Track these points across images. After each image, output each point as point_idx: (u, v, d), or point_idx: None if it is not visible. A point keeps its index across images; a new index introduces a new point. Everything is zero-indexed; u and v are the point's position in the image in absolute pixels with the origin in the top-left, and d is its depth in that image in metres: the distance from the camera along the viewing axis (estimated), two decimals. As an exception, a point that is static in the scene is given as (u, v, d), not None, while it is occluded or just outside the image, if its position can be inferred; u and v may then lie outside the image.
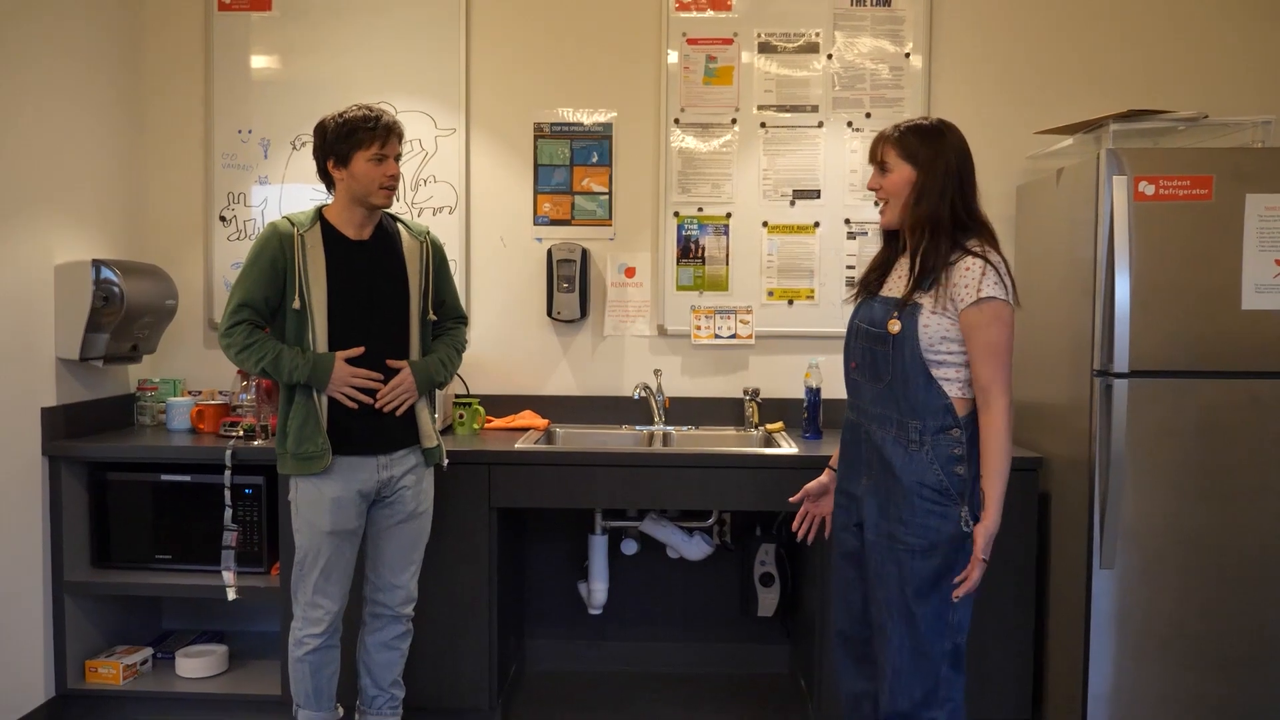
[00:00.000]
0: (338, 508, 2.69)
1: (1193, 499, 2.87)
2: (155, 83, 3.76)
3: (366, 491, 2.72)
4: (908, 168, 2.31)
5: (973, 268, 2.23)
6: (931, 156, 2.29)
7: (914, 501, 2.28)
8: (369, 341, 2.68)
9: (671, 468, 3.12)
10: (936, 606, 2.28)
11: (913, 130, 2.34)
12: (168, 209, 3.79)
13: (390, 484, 2.76)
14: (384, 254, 2.74)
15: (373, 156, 2.64)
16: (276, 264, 2.64)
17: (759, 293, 3.71)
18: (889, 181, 2.35)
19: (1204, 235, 2.83)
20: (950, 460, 2.27)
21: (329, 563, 2.72)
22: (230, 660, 3.45)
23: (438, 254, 2.86)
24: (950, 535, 2.26)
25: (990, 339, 2.22)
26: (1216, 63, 3.61)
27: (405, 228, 2.82)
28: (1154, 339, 2.84)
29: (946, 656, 2.31)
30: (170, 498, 3.29)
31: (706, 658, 3.78)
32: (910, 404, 2.29)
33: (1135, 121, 3.00)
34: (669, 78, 3.69)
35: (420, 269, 2.78)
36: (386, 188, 2.67)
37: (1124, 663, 2.90)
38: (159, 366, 3.77)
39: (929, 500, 2.27)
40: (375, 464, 2.72)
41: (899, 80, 3.66)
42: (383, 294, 2.72)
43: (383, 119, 2.66)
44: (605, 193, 3.73)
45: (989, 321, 2.22)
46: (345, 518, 2.70)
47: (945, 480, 2.27)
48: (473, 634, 3.16)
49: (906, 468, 2.29)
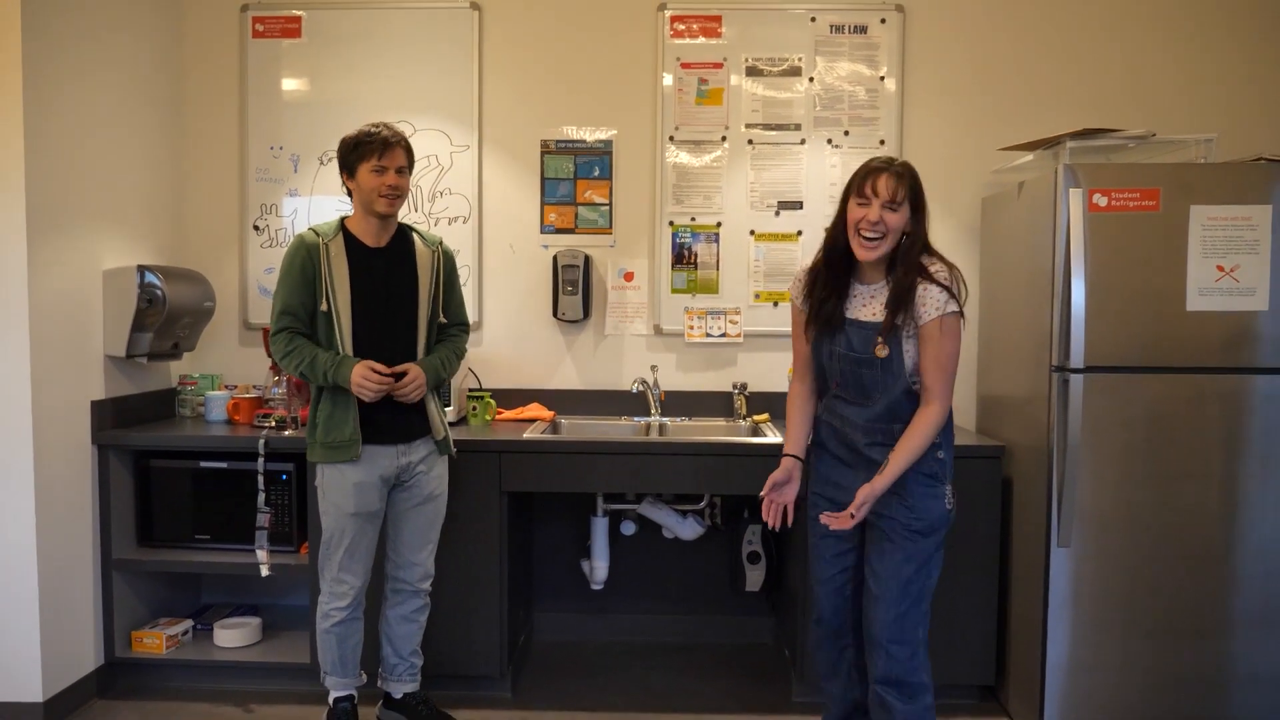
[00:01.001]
0: (361, 491, 2.69)
1: (1141, 483, 2.87)
2: (195, 104, 3.77)
3: (387, 476, 2.73)
4: (907, 207, 2.29)
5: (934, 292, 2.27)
6: (921, 198, 2.31)
7: (913, 488, 2.34)
8: (385, 339, 2.70)
9: (667, 455, 3.13)
10: (924, 580, 2.36)
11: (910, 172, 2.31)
12: (206, 219, 3.79)
13: (408, 470, 2.76)
14: (399, 260, 2.75)
15: (373, 168, 2.65)
16: (306, 271, 2.66)
17: (747, 295, 3.72)
18: (894, 219, 2.28)
19: (1152, 243, 2.83)
20: (933, 447, 2.34)
21: (353, 542, 2.72)
22: (263, 631, 3.46)
23: (448, 263, 2.86)
24: (940, 514, 2.35)
25: (946, 349, 2.28)
26: (1164, 86, 3.61)
27: (420, 237, 2.82)
28: (1107, 337, 2.85)
29: (924, 619, 2.38)
30: (208, 482, 3.29)
31: (698, 629, 3.79)
32: (898, 415, 2.35)
33: (1090, 139, 3.01)
34: (664, 99, 3.69)
35: (431, 276, 2.79)
36: (385, 196, 2.66)
37: (1079, 633, 2.91)
38: (198, 363, 3.77)
39: (923, 485, 2.34)
40: (395, 451, 2.73)
41: (875, 101, 3.66)
42: (397, 297, 2.73)
43: (381, 133, 2.67)
44: (606, 204, 3.73)
45: (948, 333, 2.28)
46: (368, 500, 2.71)
47: (934, 465, 2.35)
48: (485, 607, 3.17)
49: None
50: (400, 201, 2.71)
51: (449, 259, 2.88)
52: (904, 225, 2.29)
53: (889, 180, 2.27)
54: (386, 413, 2.71)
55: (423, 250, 2.80)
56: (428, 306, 2.78)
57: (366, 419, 2.69)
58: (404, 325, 2.74)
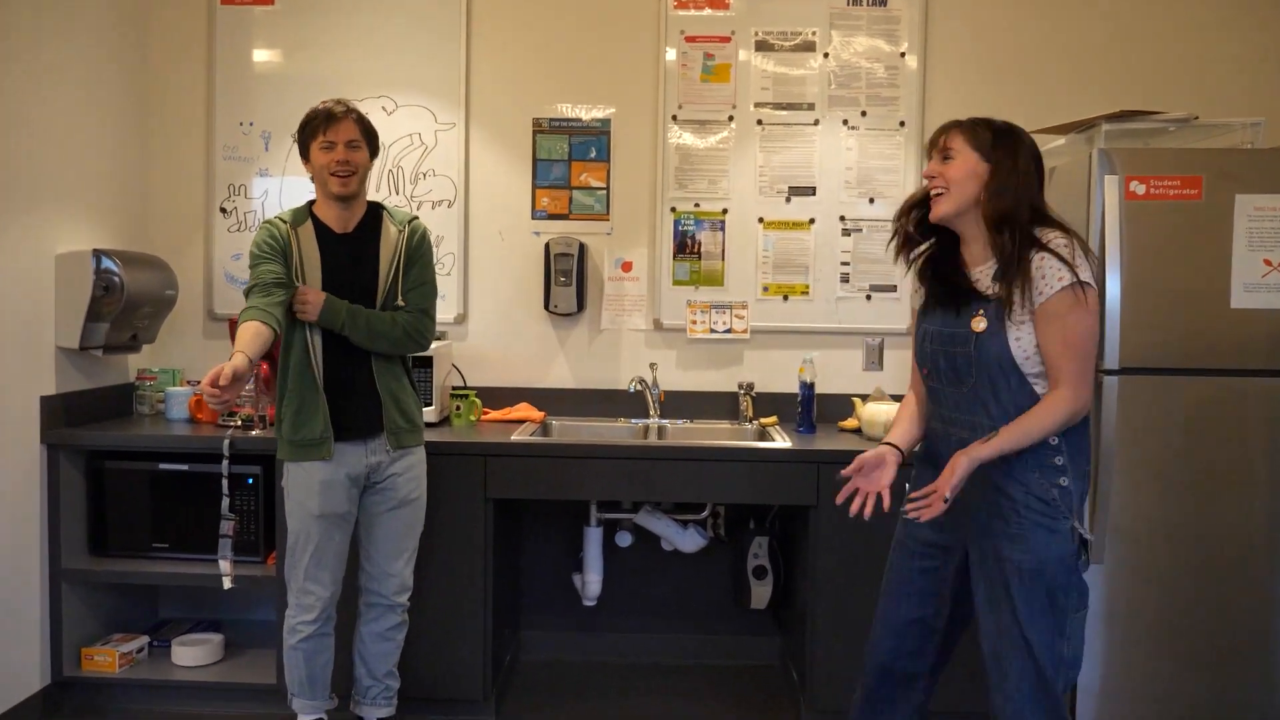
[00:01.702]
0: (327, 491, 2.69)
1: (1180, 495, 2.87)
2: (158, 74, 3.75)
3: (356, 475, 2.73)
4: (975, 158, 2.16)
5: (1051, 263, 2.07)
6: (1006, 153, 2.14)
7: (1022, 514, 2.12)
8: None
9: (666, 460, 3.11)
10: (1049, 635, 2.10)
11: (985, 123, 2.19)
12: (169, 200, 3.78)
13: (380, 469, 2.76)
14: (364, 246, 2.74)
15: (321, 144, 2.65)
16: (278, 252, 2.66)
17: (754, 288, 3.71)
18: (952, 169, 2.18)
19: (1193, 235, 2.83)
20: (1051, 471, 2.11)
21: (319, 547, 2.72)
22: (226, 649, 3.45)
23: (415, 241, 2.78)
24: (1059, 555, 2.10)
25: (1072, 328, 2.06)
26: (1208, 65, 3.61)
27: (390, 217, 2.80)
28: (1144, 336, 2.85)
29: (1063, 691, 2.13)
30: (168, 486, 3.28)
31: (699, 649, 3.78)
32: (1002, 406, 2.14)
33: (1127, 122, 3.01)
34: (667, 75, 3.69)
35: (393, 257, 2.75)
36: (337, 174, 2.65)
37: (1112, 656, 2.91)
38: (158, 356, 3.76)
39: (1036, 512, 2.11)
40: (364, 449, 2.72)
41: (894, 79, 3.66)
42: (361, 287, 2.72)
43: (326, 106, 2.66)
44: (603, 188, 3.73)
45: (1074, 309, 2.05)
46: (335, 501, 2.70)
47: (1052, 491, 2.11)
48: (468, 624, 3.16)
49: (1009, 477, 2.14)
50: (355, 179, 2.68)
51: (417, 237, 2.79)
52: (971, 180, 2.16)
53: (941, 131, 2.23)
54: (350, 404, 2.71)
55: (389, 231, 2.78)
56: (384, 290, 2.73)
57: (336, 414, 2.69)
58: None
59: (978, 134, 2.18)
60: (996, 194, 2.14)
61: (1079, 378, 2.07)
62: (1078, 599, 2.12)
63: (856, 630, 3.05)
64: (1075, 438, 2.14)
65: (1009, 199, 2.13)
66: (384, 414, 2.74)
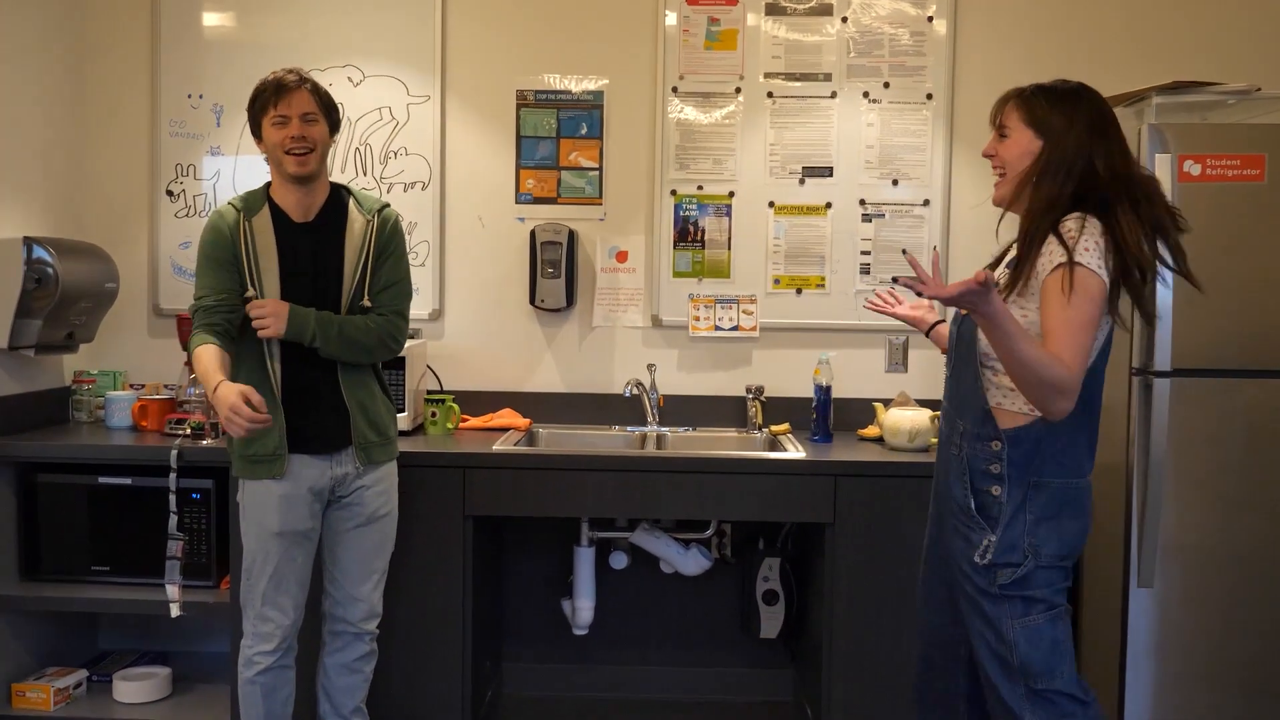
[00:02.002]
0: (286, 505, 2.69)
1: (1240, 510, 2.88)
2: (96, 41, 3.74)
3: (318, 489, 2.73)
4: (1029, 135, 2.19)
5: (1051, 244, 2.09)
6: (1061, 129, 2.15)
7: (946, 519, 2.27)
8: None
9: (666, 473, 3.11)
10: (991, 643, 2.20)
11: (1044, 92, 2.20)
12: (108, 181, 3.77)
13: (346, 482, 2.75)
14: (327, 237, 2.73)
15: (273, 120, 2.64)
16: (226, 250, 2.67)
17: (764, 280, 3.71)
18: (1006, 149, 2.22)
19: (1256, 220, 2.83)
20: (985, 478, 2.18)
21: (279, 568, 2.71)
22: (174, 684, 3.43)
23: (386, 232, 2.78)
24: (970, 562, 2.19)
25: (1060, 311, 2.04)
26: (1271, 31, 3.61)
27: (356, 203, 2.79)
28: (1199, 334, 2.85)
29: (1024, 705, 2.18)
30: (108, 503, 3.27)
31: (703, 683, 3.78)
32: (960, 399, 2.26)
33: (1181, 94, 3.01)
34: (666, 41, 3.68)
35: (360, 251, 2.74)
36: (292, 152, 2.64)
37: (1164, 691, 2.91)
38: (98, 357, 3.75)
39: (956, 519, 2.23)
40: (329, 461, 2.73)
41: (920, 46, 3.66)
42: (323, 283, 2.71)
43: (277, 76, 2.65)
44: (595, 168, 3.73)
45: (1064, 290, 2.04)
46: (296, 517, 2.70)
47: (971, 501, 2.19)
48: (445, 655, 3.15)
49: (944, 480, 2.28)
50: (313, 157, 2.66)
51: (387, 226, 2.79)
52: (1026, 159, 2.18)
53: (996, 103, 2.28)
54: (317, 419, 2.71)
55: (356, 219, 2.76)
56: (351, 288, 2.73)
57: (296, 428, 2.69)
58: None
59: (1033, 105, 2.20)
60: (1040, 178, 2.16)
61: (1073, 358, 2.02)
62: (1022, 605, 2.16)
63: (877, 662, 3.06)
64: (1026, 448, 2.15)
65: (1054, 183, 2.14)
66: (352, 427, 2.74)
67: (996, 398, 2.19)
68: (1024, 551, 2.14)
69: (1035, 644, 2.16)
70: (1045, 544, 2.15)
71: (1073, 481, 2.18)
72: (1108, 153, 2.14)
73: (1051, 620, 2.18)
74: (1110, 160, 2.14)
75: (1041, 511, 2.15)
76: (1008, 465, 2.16)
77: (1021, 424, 2.15)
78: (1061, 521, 2.16)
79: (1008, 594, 2.16)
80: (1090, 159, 2.13)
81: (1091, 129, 2.15)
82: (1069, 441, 2.17)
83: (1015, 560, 2.15)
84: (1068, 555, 2.19)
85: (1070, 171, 2.13)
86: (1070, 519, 2.18)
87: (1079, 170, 2.13)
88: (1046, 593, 2.18)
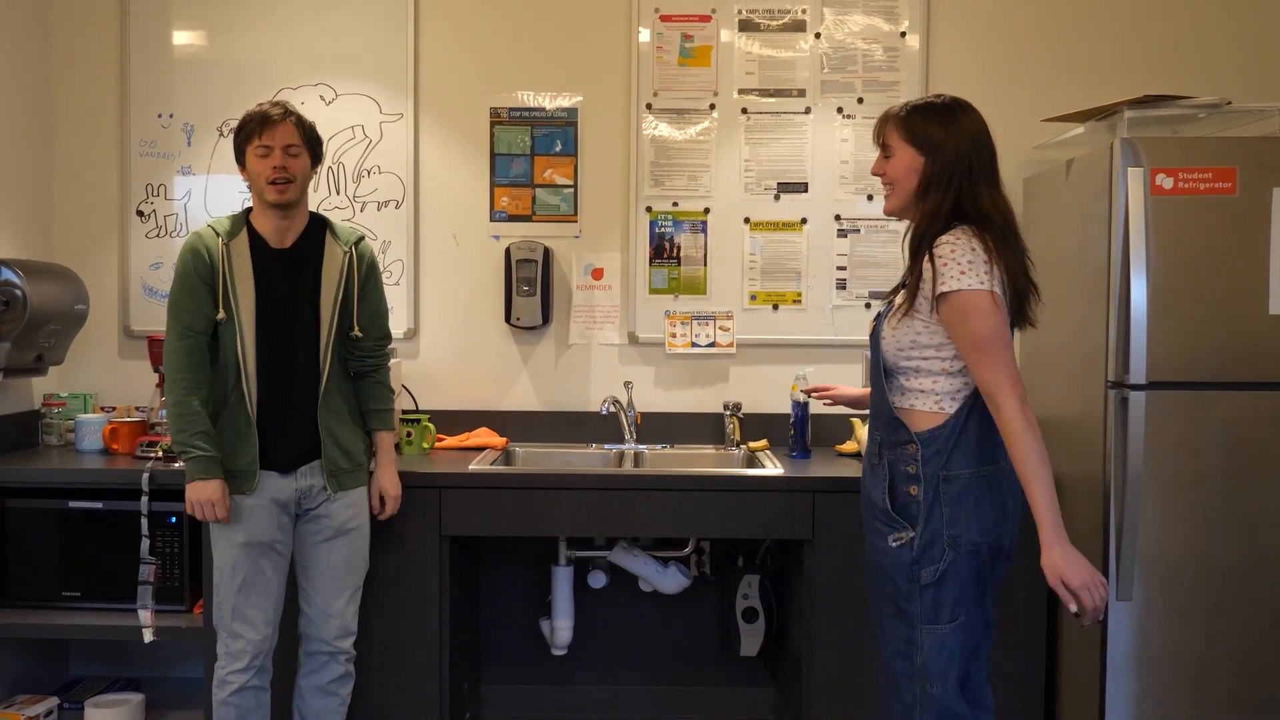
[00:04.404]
0: (249, 516, 2.72)
1: (1219, 524, 2.89)
2: (64, 58, 3.73)
3: (284, 500, 2.76)
4: (911, 152, 2.31)
5: (928, 271, 2.23)
6: (940, 140, 2.27)
7: (868, 521, 2.39)
8: (284, 363, 2.75)
9: (644, 491, 3.12)
10: (898, 643, 2.31)
11: (919, 110, 2.32)
12: (78, 202, 3.75)
13: (311, 494, 2.78)
14: (303, 265, 2.79)
15: (257, 150, 2.70)
16: (203, 275, 2.71)
17: (740, 296, 3.73)
18: (892, 167, 2.35)
19: (1228, 233, 2.86)
20: (903, 478, 2.29)
21: (247, 580, 2.72)
22: (147, 711, 3.41)
23: (364, 265, 2.88)
24: (897, 561, 2.29)
25: (970, 334, 2.19)
26: (1242, 44, 3.66)
27: (333, 235, 2.84)
28: (1174, 347, 2.87)
29: (918, 705, 2.29)
30: (79, 527, 3.25)
31: (682, 703, 3.77)
32: (876, 413, 2.40)
33: (1152, 108, 3.03)
34: (640, 58, 3.70)
35: (337, 284, 2.80)
36: (274, 182, 2.69)
37: (1144, 707, 2.92)
38: (67, 379, 3.73)
39: (878, 520, 2.34)
40: (293, 475, 2.78)
41: (894, 62, 3.69)
42: (296, 312, 2.76)
43: (262, 108, 2.72)
44: (570, 185, 3.74)
45: (961, 317, 2.19)
46: (261, 527, 2.73)
47: (888, 501, 2.30)
48: (421, 678, 3.14)
49: (865, 485, 2.42)
50: (293, 187, 2.72)
51: (365, 259, 2.89)
52: (911, 175, 2.31)
53: (877, 123, 2.41)
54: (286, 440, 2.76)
55: (333, 250, 2.82)
56: (330, 324, 2.79)
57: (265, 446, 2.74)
58: (306, 346, 2.78)
59: (910, 123, 2.32)
60: (925, 191, 2.29)
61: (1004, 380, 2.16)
62: (931, 611, 2.26)
63: (857, 679, 3.07)
64: (939, 445, 2.26)
65: (936, 197, 2.27)
66: (323, 452, 2.79)
67: (909, 400, 2.31)
68: (944, 544, 2.24)
69: (939, 650, 2.27)
70: (965, 533, 2.24)
71: (985, 469, 2.27)
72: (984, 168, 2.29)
73: (956, 629, 2.27)
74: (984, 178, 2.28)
75: (957, 503, 2.25)
76: (923, 464, 2.26)
77: (935, 424, 2.27)
78: (980, 509, 2.26)
79: (926, 595, 2.25)
80: (969, 172, 2.26)
81: (973, 140, 2.28)
82: (981, 434, 2.27)
83: (937, 555, 2.24)
84: (988, 542, 2.27)
85: (950, 183, 2.26)
86: (989, 506, 2.27)
87: (958, 182, 2.26)
88: (957, 600, 2.26)
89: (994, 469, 2.28)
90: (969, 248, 2.20)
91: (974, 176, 2.27)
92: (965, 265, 2.18)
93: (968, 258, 2.18)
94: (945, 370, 2.27)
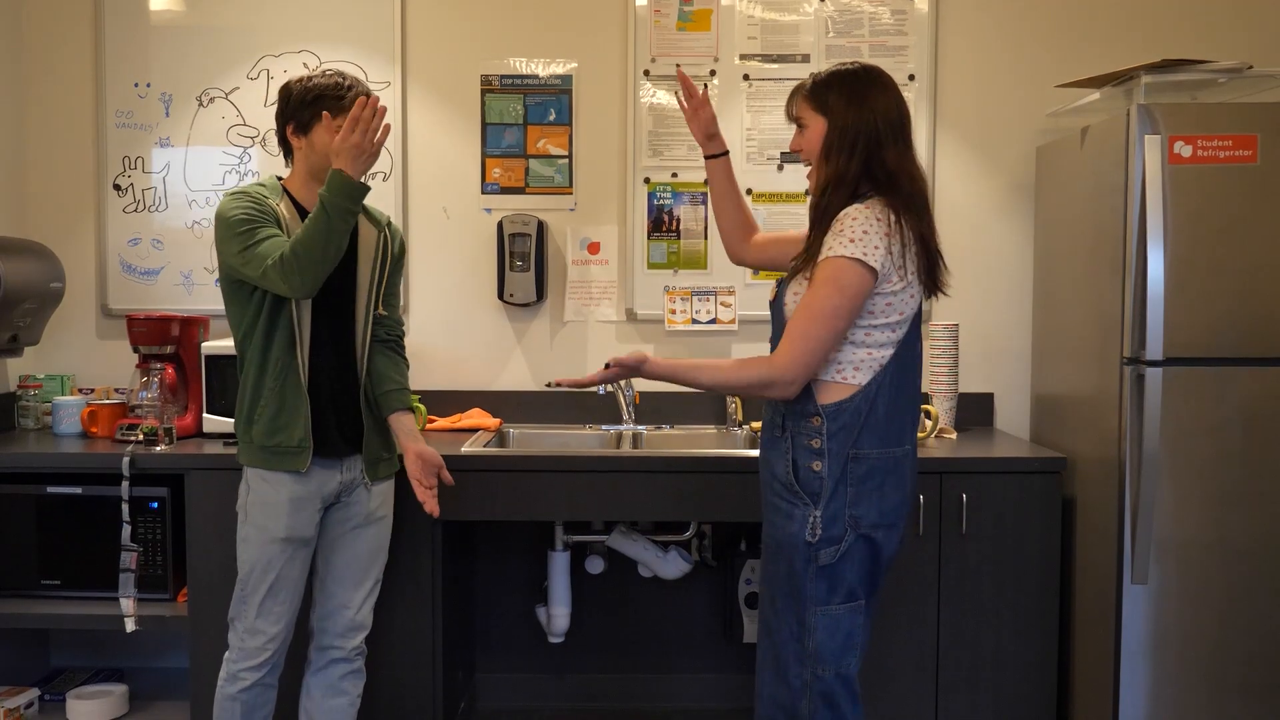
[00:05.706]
0: (296, 509, 2.67)
1: (1237, 503, 2.89)
2: (36, 26, 3.70)
3: (327, 495, 2.74)
4: (820, 120, 2.31)
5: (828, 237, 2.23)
6: (843, 106, 2.27)
7: (767, 496, 2.37)
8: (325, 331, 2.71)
9: (643, 473, 3.11)
10: (791, 625, 2.31)
11: (825, 80, 2.32)
12: (52, 176, 3.73)
13: (352, 487, 2.78)
14: None
15: (335, 130, 2.63)
16: (270, 216, 2.64)
17: (742, 271, 3.71)
18: (806, 140, 2.35)
19: (1248, 203, 2.85)
20: (806, 453, 2.28)
21: (279, 577, 2.68)
22: (130, 701, 3.41)
23: (397, 250, 2.89)
24: (794, 540, 2.28)
25: (815, 297, 2.21)
26: (1264, 5, 3.63)
27: (365, 213, 2.82)
28: (1191, 322, 2.86)
29: (807, 690, 2.31)
30: (58, 513, 3.24)
31: (684, 691, 3.78)
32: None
33: (1170, 73, 3.02)
34: (637, 22, 3.67)
35: (374, 262, 2.80)
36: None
37: (1160, 690, 2.93)
38: (44, 360, 3.72)
39: (778, 496, 2.32)
40: (341, 465, 2.75)
41: (902, 26, 3.66)
42: (335, 284, 2.71)
43: (354, 89, 2.70)
44: (565, 156, 3.71)
45: (823, 278, 2.21)
46: (302, 523, 2.69)
47: (792, 475, 2.29)
48: (415, 667, 3.15)
49: (766, 456, 2.39)
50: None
51: (398, 243, 2.91)
52: (822, 147, 2.30)
53: (790, 98, 2.40)
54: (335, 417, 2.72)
55: (366, 229, 2.81)
56: (367, 298, 2.78)
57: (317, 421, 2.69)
58: (345, 318, 2.75)
59: (816, 93, 2.32)
60: (827, 156, 2.28)
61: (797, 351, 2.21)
62: (826, 592, 2.27)
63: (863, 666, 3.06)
64: (846, 420, 2.25)
65: (839, 161, 2.26)
66: (364, 438, 2.77)
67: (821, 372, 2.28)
68: (845, 524, 2.25)
69: (832, 632, 2.29)
70: (866, 514, 2.26)
71: (892, 451, 2.29)
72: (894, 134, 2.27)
73: (851, 612, 2.30)
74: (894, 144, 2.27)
75: (862, 483, 2.26)
76: (828, 439, 2.25)
77: (842, 397, 2.26)
78: (884, 491, 2.27)
79: (822, 576, 2.27)
80: (877, 137, 2.25)
81: (876, 105, 2.27)
82: (889, 412, 2.27)
83: (837, 534, 2.25)
84: (886, 525, 2.29)
85: (854, 147, 2.25)
86: (892, 489, 2.29)
87: (863, 146, 2.25)
88: (853, 582, 2.29)
89: (900, 451, 2.30)
90: (873, 218, 2.21)
91: (882, 140, 2.25)
92: (859, 234, 2.19)
93: (863, 228, 2.19)
94: (849, 340, 2.25)
